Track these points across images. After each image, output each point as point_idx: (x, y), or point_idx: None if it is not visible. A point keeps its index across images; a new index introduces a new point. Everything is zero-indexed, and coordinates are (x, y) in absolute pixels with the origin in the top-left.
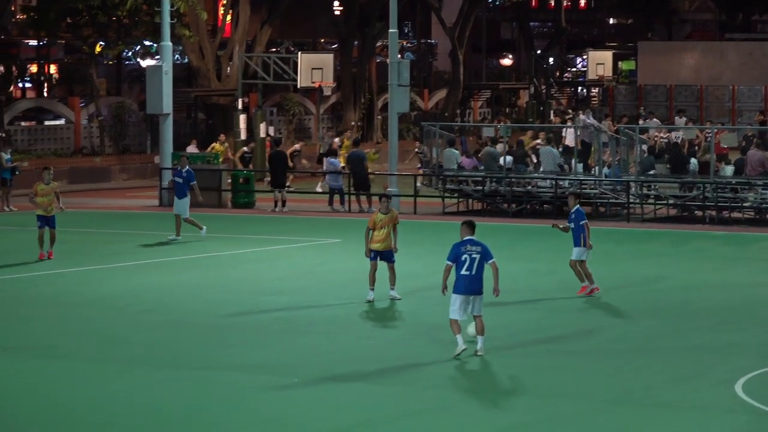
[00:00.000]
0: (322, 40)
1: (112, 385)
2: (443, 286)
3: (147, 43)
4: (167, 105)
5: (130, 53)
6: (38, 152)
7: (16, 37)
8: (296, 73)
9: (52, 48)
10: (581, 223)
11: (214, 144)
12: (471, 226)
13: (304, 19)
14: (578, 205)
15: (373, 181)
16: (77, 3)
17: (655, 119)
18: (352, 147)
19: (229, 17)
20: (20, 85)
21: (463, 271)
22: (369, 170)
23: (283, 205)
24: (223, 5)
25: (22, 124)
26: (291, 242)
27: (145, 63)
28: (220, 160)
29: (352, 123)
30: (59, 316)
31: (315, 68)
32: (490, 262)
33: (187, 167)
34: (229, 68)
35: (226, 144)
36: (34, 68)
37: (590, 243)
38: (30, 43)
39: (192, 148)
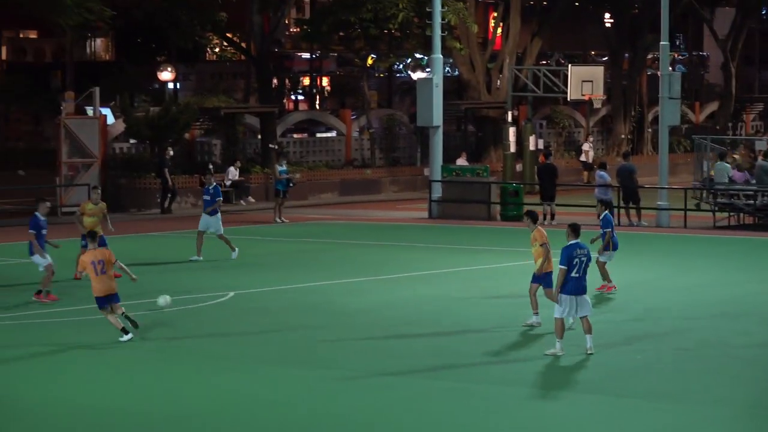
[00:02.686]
0: (593, 53)
1: (388, 395)
2: (557, 291)
3: (418, 55)
4: (437, 117)
5: (400, 66)
6: (309, 164)
7: (290, 51)
8: (566, 86)
9: (324, 61)
10: (604, 230)
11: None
12: (576, 230)
13: (574, 32)
14: (606, 212)
15: (643, 195)
16: (350, 16)
17: None
18: (622, 160)
19: (499, 30)
20: (293, 97)
21: (573, 274)
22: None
23: (552, 218)
24: (494, 18)
25: (294, 136)
26: (557, 255)
27: (416, 75)
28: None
29: (622, 136)
30: (327, 326)
31: (585, 81)
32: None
33: (215, 184)
34: (499, 81)
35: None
36: (306, 81)
37: (601, 249)
38: (303, 56)
39: (461, 161)
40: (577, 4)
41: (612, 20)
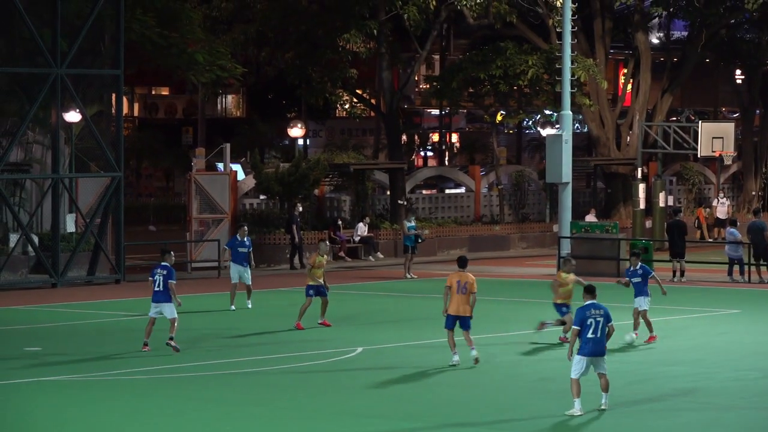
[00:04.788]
0: (723, 109)
1: None
2: (570, 352)
3: (547, 111)
4: (567, 174)
5: (530, 122)
6: (438, 220)
7: (419, 107)
8: (696, 142)
9: (453, 117)
10: (649, 277)
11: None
12: (592, 291)
13: (705, 88)
14: (640, 263)
15: None
16: (479, 73)
17: None
18: (753, 217)
19: (629, 86)
20: (422, 153)
21: (590, 335)
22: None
23: (682, 275)
24: (624, 74)
25: (423, 192)
26: (689, 312)
27: (545, 132)
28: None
29: (753, 192)
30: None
31: (716, 137)
32: (610, 324)
33: (247, 236)
34: (628, 137)
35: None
36: (435, 137)
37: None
38: (432, 113)
39: (591, 217)
40: (707, 60)
41: (743, 76)
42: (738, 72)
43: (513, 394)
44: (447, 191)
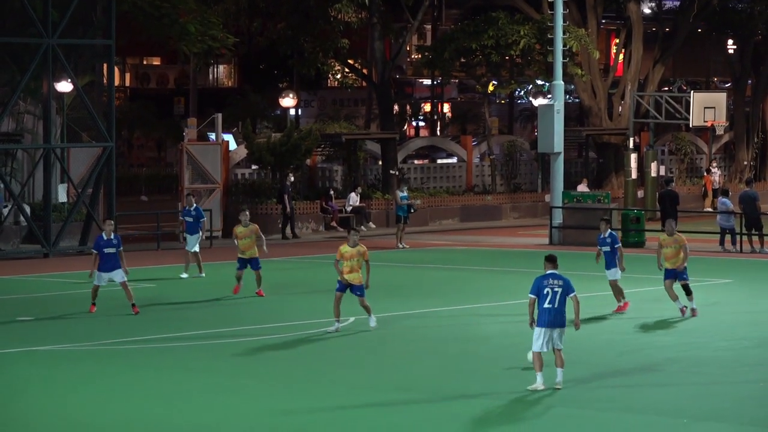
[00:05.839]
0: (715, 79)
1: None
2: (530, 320)
3: (539, 82)
4: (559, 144)
5: (522, 92)
6: (430, 190)
7: (411, 77)
8: (688, 112)
9: (445, 87)
10: (616, 246)
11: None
12: (553, 260)
13: (696, 58)
14: (610, 230)
15: (766, 222)
16: (471, 43)
17: None
18: (745, 187)
19: (621, 56)
20: (414, 123)
21: (546, 305)
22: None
23: None
24: (616, 44)
25: (415, 162)
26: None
27: (537, 102)
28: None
29: (745, 162)
30: (450, 355)
31: (708, 107)
32: (572, 295)
33: (195, 205)
34: (620, 107)
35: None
36: (427, 107)
37: (623, 266)
38: (424, 83)
39: (583, 187)
40: (699, 30)
41: (735, 46)
42: (730, 42)
43: (505, 364)
44: (439, 161)
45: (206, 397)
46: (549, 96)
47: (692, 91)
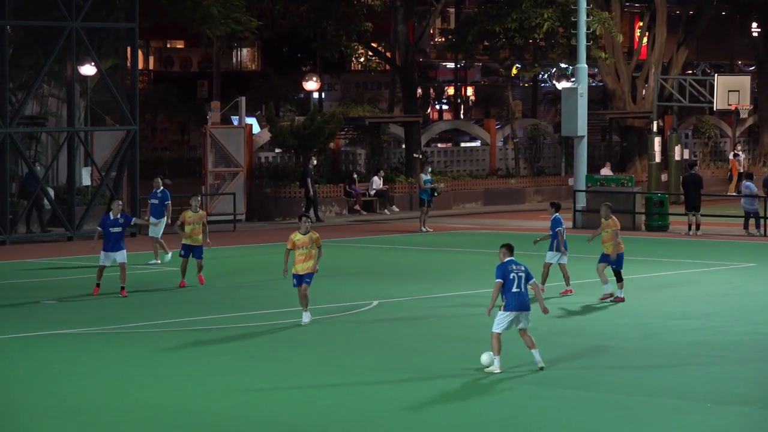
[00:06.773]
0: (739, 62)
1: (529, 404)
2: (492, 305)
3: (563, 65)
4: (582, 127)
5: (545, 75)
6: (454, 174)
7: (435, 60)
8: (712, 96)
9: (469, 70)
10: (556, 230)
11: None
12: (510, 249)
13: (721, 41)
14: (557, 214)
15: None
16: (495, 26)
17: None
18: None
19: (645, 39)
20: (437, 107)
21: (514, 289)
22: None
23: (697, 228)
24: (640, 27)
25: (439, 145)
26: (704, 266)
27: (561, 85)
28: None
29: None
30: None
31: (732, 90)
32: (532, 282)
33: (162, 188)
34: (644, 90)
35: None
36: (451, 90)
37: (564, 249)
38: (447, 66)
39: (606, 171)
40: (723, 13)
41: (759, 29)
42: (754, 25)
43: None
44: (462, 145)
45: (229, 378)
46: (572, 79)
47: (716, 75)
